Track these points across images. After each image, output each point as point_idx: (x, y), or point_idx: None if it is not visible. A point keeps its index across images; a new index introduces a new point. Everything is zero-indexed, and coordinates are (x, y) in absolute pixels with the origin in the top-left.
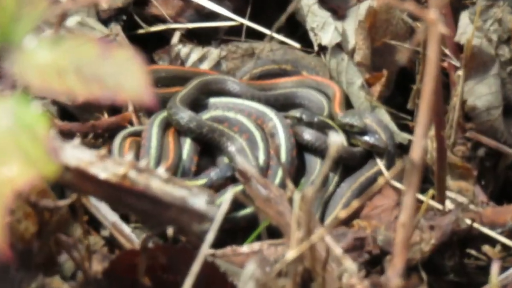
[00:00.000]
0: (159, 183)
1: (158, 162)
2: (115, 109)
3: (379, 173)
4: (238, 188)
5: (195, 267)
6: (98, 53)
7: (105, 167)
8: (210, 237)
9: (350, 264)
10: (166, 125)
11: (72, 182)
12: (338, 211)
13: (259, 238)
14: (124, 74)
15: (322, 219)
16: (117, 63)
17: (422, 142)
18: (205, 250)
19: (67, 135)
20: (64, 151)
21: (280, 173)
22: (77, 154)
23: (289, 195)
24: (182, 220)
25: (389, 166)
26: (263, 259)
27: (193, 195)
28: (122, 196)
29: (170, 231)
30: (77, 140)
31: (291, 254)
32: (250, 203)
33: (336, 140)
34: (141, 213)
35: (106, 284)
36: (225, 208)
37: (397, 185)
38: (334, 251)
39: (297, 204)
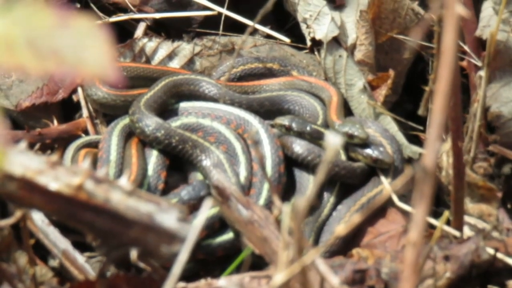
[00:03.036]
0: (121, 196)
1: (118, 178)
2: (66, 115)
3: (383, 192)
4: (215, 209)
5: None
6: (55, 23)
7: (56, 176)
8: (181, 259)
9: None
10: (128, 134)
11: (16, 194)
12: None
13: (239, 269)
14: (85, 47)
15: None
16: (77, 34)
17: (435, 147)
18: (175, 277)
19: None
20: (7, 157)
21: (265, 192)
22: (23, 161)
23: (276, 215)
24: (148, 240)
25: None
26: None
27: (162, 211)
28: (77, 211)
29: (133, 254)
30: (23, 145)
31: (278, 278)
32: (229, 227)
33: (334, 141)
34: (99, 232)
35: None
36: (200, 225)
37: (405, 207)
38: (329, 282)
39: (286, 221)
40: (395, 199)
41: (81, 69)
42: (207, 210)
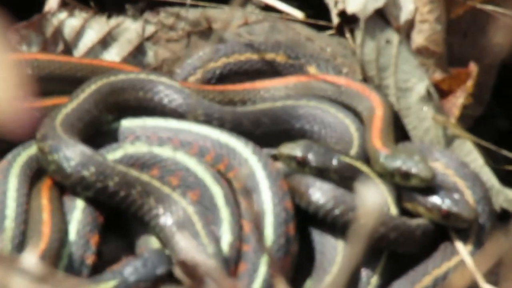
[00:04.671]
0: (26, 284)
1: (20, 246)
2: None
3: (460, 268)
4: None
5: None
6: None
7: None
8: None
9: None
10: (35, 173)
11: None
12: None
13: None
14: None
15: None
16: None
17: None
18: None
19: None
20: None
21: (263, 269)
22: None
23: None
24: None
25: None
26: None
27: None
28: None
29: None
30: None
31: None
32: None
33: (373, 197)
34: None
35: None
36: None
37: None
38: None
39: None
40: (480, 280)
41: None
42: None
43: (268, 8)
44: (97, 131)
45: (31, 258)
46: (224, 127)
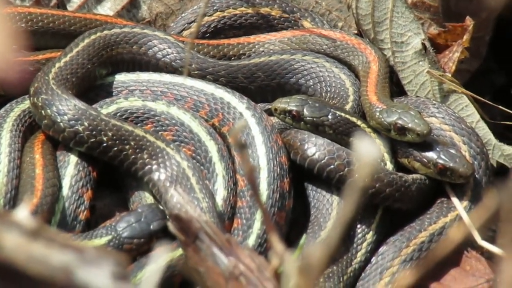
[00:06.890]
0: (18, 238)
1: (12, 201)
2: None
3: (456, 224)
4: (175, 253)
5: None
6: None
7: None
8: None
9: None
10: (29, 128)
11: None
12: None
13: None
14: None
15: None
16: None
17: None
18: None
19: None
20: None
21: (257, 225)
22: None
23: (276, 266)
24: None
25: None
26: None
27: (86, 262)
28: None
29: None
30: None
31: None
32: (198, 282)
33: (368, 152)
34: None
35: None
36: (151, 284)
37: (492, 248)
38: None
39: (292, 276)
40: (476, 237)
41: None
42: (162, 257)
43: None
44: (90, 86)
45: (23, 213)
46: (218, 81)
